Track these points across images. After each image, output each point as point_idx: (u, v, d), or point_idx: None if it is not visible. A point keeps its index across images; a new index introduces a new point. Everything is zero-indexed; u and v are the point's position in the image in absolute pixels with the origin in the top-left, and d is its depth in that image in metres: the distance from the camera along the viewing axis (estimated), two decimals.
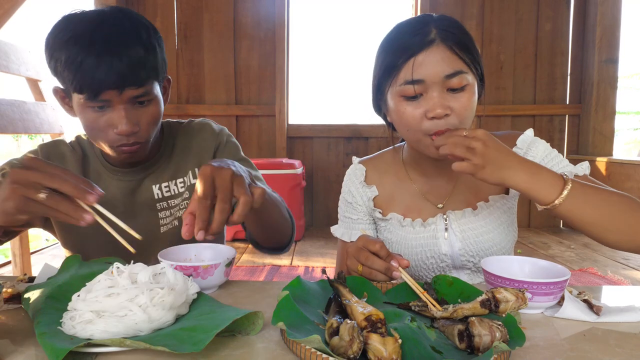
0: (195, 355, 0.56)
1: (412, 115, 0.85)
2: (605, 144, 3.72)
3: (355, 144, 3.95)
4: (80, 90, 0.83)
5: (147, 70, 0.86)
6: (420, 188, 1.00)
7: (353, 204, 1.04)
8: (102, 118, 0.87)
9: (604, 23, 3.62)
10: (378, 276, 0.77)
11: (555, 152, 0.94)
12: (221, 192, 0.68)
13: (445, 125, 0.84)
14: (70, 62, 0.81)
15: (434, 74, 0.82)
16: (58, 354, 0.52)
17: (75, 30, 0.82)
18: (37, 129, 2.54)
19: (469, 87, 0.84)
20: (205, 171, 0.69)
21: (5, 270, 2.67)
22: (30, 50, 2.66)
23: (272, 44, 3.86)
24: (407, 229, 0.98)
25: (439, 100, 0.83)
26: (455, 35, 0.84)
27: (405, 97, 0.85)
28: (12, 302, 0.73)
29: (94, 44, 0.81)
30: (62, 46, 0.82)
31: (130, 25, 0.85)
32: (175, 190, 1.05)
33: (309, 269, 2.78)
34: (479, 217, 0.95)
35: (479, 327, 0.57)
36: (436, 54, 0.82)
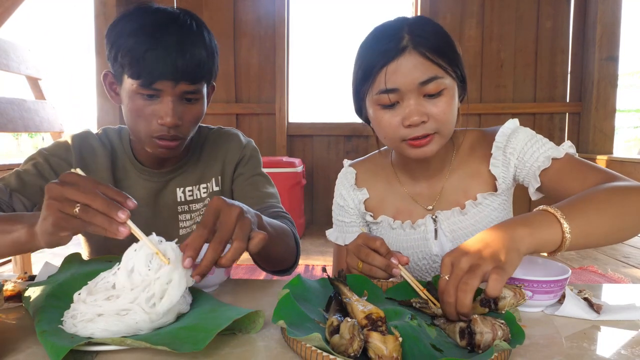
0: (196, 353, 0.57)
1: (389, 123, 0.85)
2: (605, 142, 3.71)
3: (356, 142, 3.94)
4: (138, 76, 0.86)
5: (204, 70, 0.90)
6: (409, 190, 1.00)
7: (345, 207, 1.04)
8: (149, 107, 0.89)
9: (604, 21, 3.62)
10: (378, 273, 0.77)
11: (538, 138, 0.91)
12: (220, 230, 0.66)
13: (423, 131, 0.83)
14: (135, 50, 0.85)
15: (408, 82, 0.81)
16: (59, 353, 0.52)
17: (145, 21, 0.87)
18: (37, 127, 2.54)
19: (446, 91, 0.83)
20: (214, 204, 0.67)
21: (6, 268, 2.68)
22: (30, 49, 2.66)
23: (272, 42, 3.86)
24: (398, 231, 0.98)
25: (415, 107, 0.82)
26: (428, 40, 0.82)
27: (382, 106, 0.85)
28: (12, 301, 0.74)
29: (162, 37, 0.85)
30: (130, 34, 0.86)
31: (197, 27, 0.91)
32: (198, 195, 1.06)
33: (309, 268, 2.78)
34: (467, 216, 0.94)
35: (482, 324, 0.57)
36: (409, 62, 0.81)
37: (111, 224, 0.62)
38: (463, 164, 0.97)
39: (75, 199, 0.62)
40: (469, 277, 0.61)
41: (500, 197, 0.95)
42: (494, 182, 0.94)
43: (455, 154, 0.98)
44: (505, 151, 0.92)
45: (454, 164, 0.97)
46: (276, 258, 0.93)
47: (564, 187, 0.85)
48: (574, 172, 0.85)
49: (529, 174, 0.90)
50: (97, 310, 0.60)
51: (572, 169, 0.86)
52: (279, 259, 0.94)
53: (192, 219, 1.06)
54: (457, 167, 0.97)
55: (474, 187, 0.96)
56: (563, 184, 0.86)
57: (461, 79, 0.87)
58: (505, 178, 0.93)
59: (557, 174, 0.87)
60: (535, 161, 0.89)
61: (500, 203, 0.96)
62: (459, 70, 0.86)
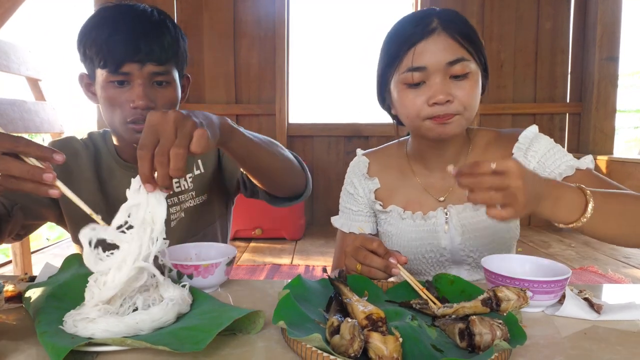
0: (196, 354, 0.56)
1: (414, 103, 0.87)
2: (605, 142, 3.71)
3: (356, 143, 3.94)
4: (105, 64, 0.89)
5: (169, 51, 0.92)
6: (422, 181, 1.00)
7: (354, 195, 1.05)
8: (122, 95, 0.91)
9: (604, 21, 3.62)
10: (377, 274, 0.77)
11: (559, 147, 0.94)
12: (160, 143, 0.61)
13: (447, 111, 0.85)
14: (99, 38, 0.88)
15: (436, 61, 0.84)
16: (59, 353, 0.52)
17: (107, 14, 0.91)
18: (37, 128, 2.54)
19: (471, 74, 0.86)
20: (148, 120, 0.62)
21: (6, 269, 2.68)
22: (30, 50, 2.66)
23: (272, 42, 3.86)
24: (407, 221, 0.98)
25: (441, 86, 0.84)
26: (457, 25, 0.86)
27: (408, 85, 0.87)
28: (13, 302, 0.73)
29: (123, 23, 0.89)
30: (92, 27, 0.90)
31: (158, 16, 0.93)
32: (185, 186, 1.06)
33: (310, 268, 2.78)
34: (480, 212, 0.95)
35: (480, 325, 0.57)
36: (438, 42, 0.84)
37: (38, 188, 0.60)
38: (479, 159, 0.98)
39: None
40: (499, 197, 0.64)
41: None
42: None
43: (470, 150, 0.99)
44: (527, 154, 0.94)
45: (469, 159, 0.99)
46: (270, 169, 0.88)
47: None
48: (594, 185, 0.86)
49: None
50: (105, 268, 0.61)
51: (593, 182, 0.87)
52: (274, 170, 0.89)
53: (181, 210, 1.06)
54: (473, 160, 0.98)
55: None
56: None
57: (484, 69, 0.90)
58: None
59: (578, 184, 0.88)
60: (556, 167, 0.91)
61: None
62: (484, 59, 0.89)
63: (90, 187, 1.01)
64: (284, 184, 0.95)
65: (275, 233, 3.43)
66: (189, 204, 1.05)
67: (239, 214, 3.30)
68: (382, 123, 3.90)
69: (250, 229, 3.39)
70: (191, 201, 1.05)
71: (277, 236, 3.44)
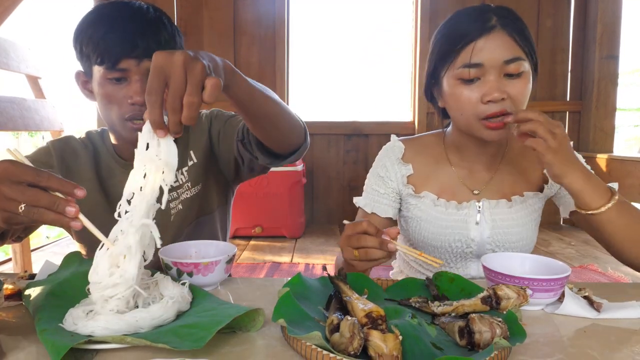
0: (196, 352, 0.56)
1: (468, 99, 0.88)
2: (605, 140, 3.71)
3: (356, 141, 3.94)
4: (102, 60, 0.89)
5: (166, 47, 0.92)
6: (458, 172, 1.02)
7: (385, 178, 1.05)
8: (120, 91, 0.91)
9: (604, 20, 3.61)
10: (375, 254, 0.75)
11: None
12: (171, 88, 0.58)
13: (500, 107, 0.86)
14: (95, 35, 0.89)
15: (494, 59, 0.85)
16: (59, 351, 0.53)
17: (103, 11, 0.92)
18: (37, 126, 2.54)
19: (525, 74, 0.87)
20: (155, 61, 0.58)
21: (6, 267, 2.68)
22: (30, 48, 2.65)
23: (272, 41, 3.85)
24: (440, 209, 0.99)
25: (496, 84, 0.86)
26: (514, 23, 0.87)
27: (462, 80, 0.88)
28: (12, 299, 0.74)
29: (120, 20, 0.89)
30: (89, 25, 0.91)
31: (154, 14, 0.93)
32: (182, 180, 1.06)
33: (310, 266, 2.78)
34: (512, 210, 0.97)
35: (479, 323, 0.57)
36: (496, 39, 0.86)
37: (60, 220, 0.61)
38: (515, 160, 1.01)
39: (17, 199, 0.60)
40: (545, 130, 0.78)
41: (542, 200, 1.00)
42: (542, 185, 0.99)
43: (507, 148, 1.02)
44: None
45: (507, 158, 1.01)
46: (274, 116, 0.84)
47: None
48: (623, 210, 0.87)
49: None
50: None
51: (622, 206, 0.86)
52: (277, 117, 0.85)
53: (179, 202, 1.06)
54: (509, 161, 1.01)
55: (522, 184, 1.00)
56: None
57: (535, 68, 0.92)
58: (553, 186, 0.98)
59: None
60: None
61: (540, 207, 1.01)
62: (535, 58, 0.90)
63: (90, 187, 1.01)
64: (285, 131, 0.90)
65: (275, 231, 3.43)
66: (185, 195, 1.05)
67: (239, 212, 3.30)
68: (382, 121, 3.90)
69: (250, 227, 3.39)
70: (187, 192, 1.05)
71: (277, 234, 3.44)
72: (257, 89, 0.79)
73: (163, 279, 0.70)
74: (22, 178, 0.61)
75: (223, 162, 1.08)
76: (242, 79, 0.74)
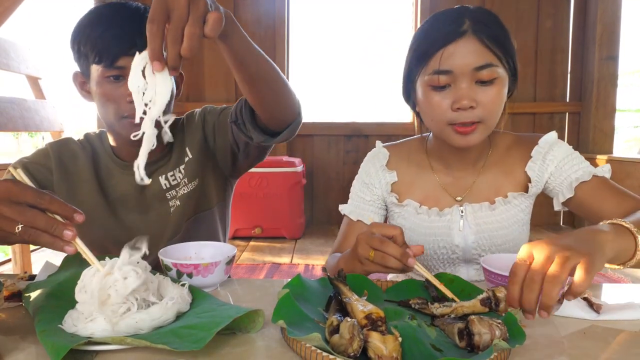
0: (196, 353, 0.57)
1: (439, 105, 0.87)
2: (605, 141, 3.71)
3: (356, 142, 3.94)
4: (100, 59, 0.89)
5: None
6: (441, 179, 1.01)
7: (369, 185, 1.04)
8: (117, 90, 0.91)
9: (604, 20, 3.61)
10: (390, 262, 0.73)
11: (577, 154, 0.95)
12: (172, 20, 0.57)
13: (470, 117, 0.84)
14: (93, 34, 0.90)
15: (463, 65, 0.83)
16: (59, 352, 0.53)
17: (100, 13, 0.93)
18: (37, 126, 2.54)
19: (498, 80, 0.85)
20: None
21: (6, 268, 2.68)
22: (30, 48, 2.66)
23: (272, 41, 3.85)
24: (422, 216, 0.98)
25: (466, 91, 0.84)
26: (489, 27, 0.84)
27: (433, 87, 0.87)
28: (12, 300, 0.73)
29: (117, 18, 0.90)
30: (86, 25, 0.91)
31: None
32: (179, 177, 1.06)
33: (309, 267, 2.78)
34: (495, 213, 0.96)
35: (479, 325, 0.57)
36: (467, 46, 0.83)
37: (55, 243, 0.62)
38: (498, 162, 1.00)
39: (15, 219, 0.60)
40: (558, 268, 0.57)
41: (528, 199, 0.98)
42: (526, 184, 0.97)
43: (491, 152, 1.00)
44: (546, 157, 0.95)
45: (489, 161, 1.00)
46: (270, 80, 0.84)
47: (599, 204, 0.89)
48: (610, 194, 0.89)
49: (563, 183, 0.93)
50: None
51: (610, 190, 0.89)
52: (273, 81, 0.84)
53: (177, 199, 1.06)
54: (491, 164, 1.00)
55: (506, 185, 0.98)
56: (598, 201, 0.89)
57: (513, 73, 0.89)
58: (538, 182, 0.96)
59: (593, 190, 0.90)
60: (573, 172, 0.92)
61: (527, 205, 0.99)
62: (512, 63, 0.88)
63: (90, 188, 1.01)
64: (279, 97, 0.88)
65: (275, 232, 3.43)
66: (183, 191, 1.05)
67: (239, 212, 3.30)
68: (382, 122, 3.90)
69: (249, 228, 3.39)
70: (185, 188, 1.06)
71: (277, 235, 3.44)
72: (255, 47, 0.79)
73: (163, 280, 0.70)
74: (23, 199, 0.61)
75: (220, 155, 1.09)
76: (241, 32, 0.74)
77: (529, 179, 0.96)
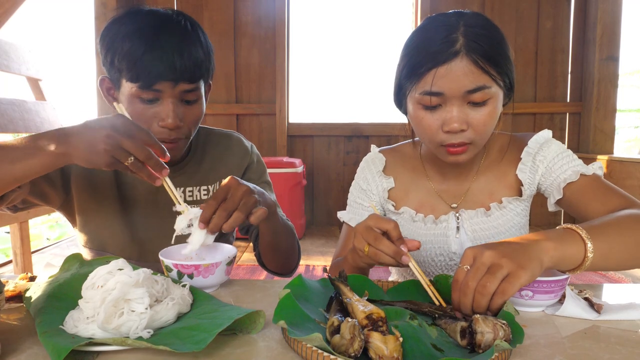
0: (197, 354, 0.57)
1: (429, 125, 0.84)
2: (605, 142, 3.71)
3: (356, 142, 3.94)
4: (136, 79, 0.86)
5: (202, 69, 0.91)
6: (435, 186, 1.00)
7: (367, 191, 1.03)
8: (150, 110, 0.90)
9: (604, 20, 3.62)
10: (384, 259, 0.73)
11: (569, 153, 0.93)
12: (226, 202, 0.79)
13: (460, 139, 0.83)
14: (132, 53, 0.85)
15: (455, 89, 0.80)
16: (60, 353, 0.53)
17: (140, 23, 0.88)
18: (38, 128, 2.54)
19: (491, 101, 0.82)
20: (227, 181, 0.81)
21: (6, 269, 2.68)
22: (31, 50, 2.66)
23: (272, 42, 3.86)
24: (419, 224, 0.98)
25: (457, 114, 0.81)
26: (482, 47, 0.79)
27: (424, 106, 0.84)
28: (13, 301, 0.74)
29: (159, 38, 0.86)
30: (125, 37, 0.86)
31: (192, 27, 0.91)
32: (197, 197, 1.05)
33: (310, 268, 2.78)
34: (491, 218, 0.95)
35: (483, 324, 0.57)
36: (459, 68, 0.79)
37: (152, 177, 0.77)
38: (491, 167, 0.98)
39: (132, 153, 0.73)
40: (488, 278, 0.63)
41: (524, 203, 0.97)
42: (519, 187, 0.96)
43: (485, 156, 0.99)
44: (535, 158, 0.93)
45: (483, 166, 0.99)
46: (284, 250, 1.04)
47: (585, 204, 0.87)
48: (597, 193, 0.87)
49: (553, 184, 0.92)
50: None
51: (597, 189, 0.88)
52: (286, 251, 1.04)
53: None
54: (485, 169, 0.98)
55: (500, 190, 0.97)
56: (584, 201, 0.88)
57: (509, 87, 0.86)
58: (530, 185, 0.95)
59: (581, 190, 0.88)
60: (562, 173, 0.91)
61: (523, 209, 0.98)
62: (508, 79, 0.84)
63: (106, 177, 1.00)
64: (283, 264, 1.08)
65: None
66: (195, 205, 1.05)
67: None
68: (382, 123, 3.90)
69: None
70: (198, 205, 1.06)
71: None
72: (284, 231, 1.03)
73: (163, 279, 0.70)
74: (138, 136, 0.74)
75: None
76: (278, 218, 0.99)
77: (521, 182, 0.95)
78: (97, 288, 0.63)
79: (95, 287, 0.63)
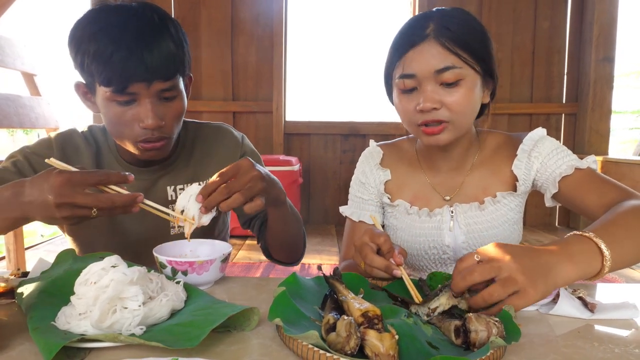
0: (190, 350, 0.56)
1: (407, 108, 0.89)
2: (601, 142, 3.72)
3: (353, 141, 3.94)
4: (108, 83, 0.82)
5: (176, 64, 0.86)
6: (430, 179, 1.02)
7: (366, 184, 1.05)
8: (128, 113, 0.86)
9: (601, 21, 3.63)
10: (379, 274, 0.78)
11: (564, 148, 0.95)
12: (233, 181, 0.75)
13: (434, 116, 0.86)
14: (100, 54, 0.81)
15: (424, 69, 0.85)
16: (51, 349, 0.52)
17: (105, 22, 0.83)
18: (33, 123, 2.52)
19: (464, 82, 0.85)
20: (241, 162, 0.78)
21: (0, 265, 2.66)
22: (26, 45, 2.64)
23: (270, 40, 3.85)
24: (413, 217, 0.99)
25: (429, 94, 0.85)
26: (451, 31, 0.84)
27: (402, 90, 0.89)
28: (5, 297, 0.73)
29: (125, 37, 0.81)
30: (91, 38, 0.82)
31: (159, 19, 0.86)
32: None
33: (305, 266, 2.78)
34: (485, 212, 0.96)
35: (476, 322, 0.57)
36: (428, 50, 0.84)
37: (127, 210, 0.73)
38: (486, 162, 1.00)
39: (90, 206, 0.69)
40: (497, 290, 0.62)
41: (518, 198, 0.98)
42: (514, 183, 0.97)
43: (479, 152, 1.00)
44: (531, 155, 0.95)
45: (477, 161, 1.00)
46: (293, 238, 1.04)
47: (581, 197, 0.88)
48: (593, 185, 0.88)
49: (549, 179, 0.93)
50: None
51: (592, 182, 0.89)
52: (294, 240, 1.04)
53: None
54: (480, 164, 1.00)
55: (494, 185, 0.98)
56: (581, 194, 0.89)
57: (489, 74, 0.90)
58: (526, 180, 0.96)
59: (576, 184, 0.89)
60: (557, 167, 0.92)
61: (517, 204, 0.98)
62: (485, 65, 0.88)
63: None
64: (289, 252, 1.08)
65: None
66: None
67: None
68: (379, 122, 3.90)
69: None
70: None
71: None
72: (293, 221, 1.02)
73: (157, 277, 0.70)
74: (86, 185, 0.70)
75: None
76: (287, 207, 0.97)
77: (517, 177, 0.96)
78: (90, 284, 0.63)
79: (88, 284, 0.63)
